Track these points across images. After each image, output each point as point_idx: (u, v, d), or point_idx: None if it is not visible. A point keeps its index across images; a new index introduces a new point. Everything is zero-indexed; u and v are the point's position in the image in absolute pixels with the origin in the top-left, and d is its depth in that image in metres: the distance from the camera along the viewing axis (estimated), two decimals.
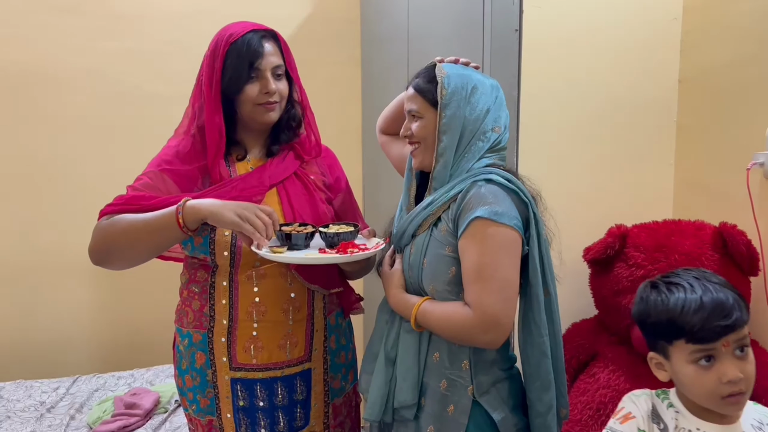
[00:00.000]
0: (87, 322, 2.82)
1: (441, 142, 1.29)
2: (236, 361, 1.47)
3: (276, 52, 1.46)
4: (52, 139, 2.70)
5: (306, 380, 1.53)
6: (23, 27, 2.62)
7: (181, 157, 1.48)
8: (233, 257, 1.44)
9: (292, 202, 1.50)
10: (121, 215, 1.41)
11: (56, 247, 2.74)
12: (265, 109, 1.46)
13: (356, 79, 3.02)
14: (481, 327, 1.19)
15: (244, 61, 1.41)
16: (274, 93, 1.44)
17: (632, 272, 1.68)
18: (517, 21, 1.76)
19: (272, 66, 1.44)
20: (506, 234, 1.21)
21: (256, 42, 1.42)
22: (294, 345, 1.49)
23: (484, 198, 1.22)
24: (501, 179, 1.26)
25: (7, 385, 2.48)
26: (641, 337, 1.63)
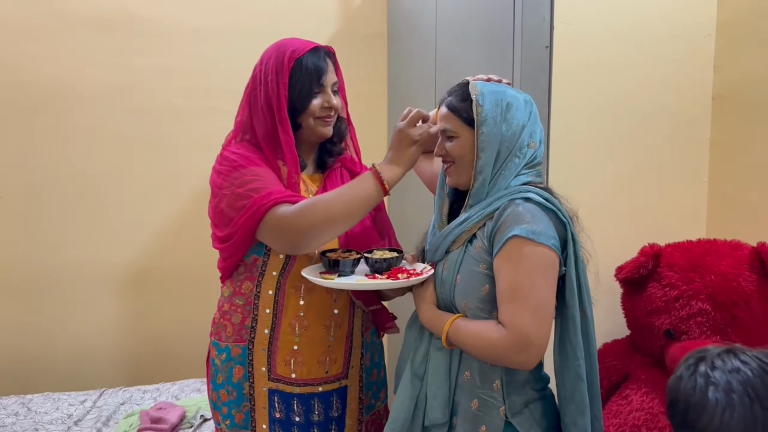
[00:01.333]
0: (113, 335, 2.84)
1: (480, 160, 1.28)
2: (275, 372, 1.48)
3: (333, 68, 1.52)
4: (82, 154, 2.74)
5: (342, 397, 1.53)
6: (55, 44, 2.67)
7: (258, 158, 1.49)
8: (288, 259, 1.46)
9: None
10: (317, 198, 1.43)
11: (84, 260, 2.77)
12: (324, 122, 1.51)
13: (383, 96, 3.03)
14: (514, 347, 1.18)
15: (311, 76, 1.46)
16: (336, 107, 1.51)
17: (666, 292, 1.64)
18: (547, 37, 1.75)
19: (332, 82, 1.51)
20: (544, 254, 1.20)
21: (321, 58, 1.48)
22: (333, 361, 1.50)
23: (521, 217, 1.21)
24: (539, 198, 1.24)
25: (36, 398, 2.50)
26: (675, 358, 1.61)
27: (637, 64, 1.84)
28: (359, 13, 2.96)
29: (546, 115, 1.75)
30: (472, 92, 1.30)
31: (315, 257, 1.48)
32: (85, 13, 2.68)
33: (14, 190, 2.70)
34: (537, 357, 1.19)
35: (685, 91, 1.89)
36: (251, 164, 1.45)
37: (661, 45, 1.86)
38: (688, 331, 1.60)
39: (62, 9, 2.66)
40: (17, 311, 2.74)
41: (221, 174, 1.46)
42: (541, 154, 1.34)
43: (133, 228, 2.80)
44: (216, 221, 1.49)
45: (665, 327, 1.63)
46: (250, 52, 2.87)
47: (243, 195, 1.40)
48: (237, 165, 1.45)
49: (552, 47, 1.75)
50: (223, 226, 1.46)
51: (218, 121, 1.55)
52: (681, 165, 1.91)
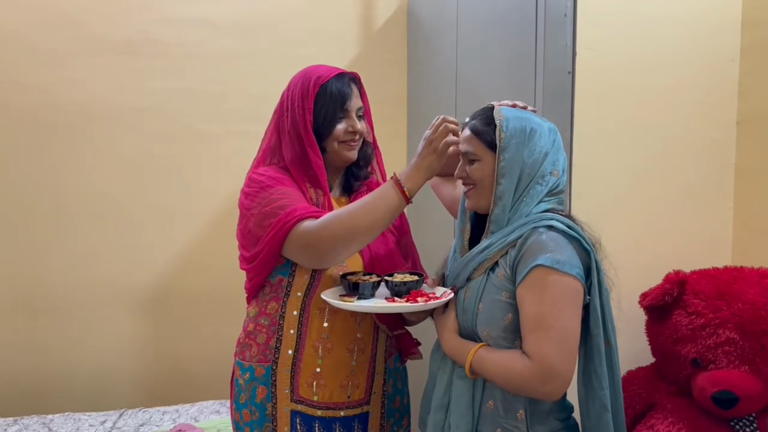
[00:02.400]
0: (132, 356, 2.86)
1: (499, 185, 1.29)
2: (298, 394, 1.48)
3: (358, 94, 1.56)
4: (105, 175, 2.78)
5: (363, 423, 1.53)
6: (80, 68, 2.73)
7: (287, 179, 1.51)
8: (312, 279, 1.47)
9: (371, 247, 1.53)
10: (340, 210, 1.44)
11: (105, 280, 2.80)
12: (348, 146, 1.54)
13: (402, 118, 3.04)
14: (540, 378, 1.17)
15: (336, 101, 1.50)
16: (359, 132, 1.54)
17: (692, 320, 1.62)
18: (570, 63, 1.75)
19: (357, 107, 1.54)
20: (568, 283, 1.20)
21: (346, 84, 1.52)
22: (355, 387, 1.50)
23: (545, 245, 1.21)
24: (562, 226, 1.24)
25: (56, 418, 2.51)
26: (702, 388, 1.58)
27: (660, 89, 1.84)
28: (380, 38, 2.99)
29: (569, 141, 1.74)
30: (496, 117, 1.31)
31: (339, 280, 1.48)
32: (110, 37, 2.74)
33: (37, 209, 2.74)
34: (563, 388, 1.19)
35: (710, 117, 1.88)
36: (278, 184, 1.48)
37: (685, 70, 1.85)
38: (715, 361, 1.57)
39: (87, 33, 2.71)
40: (37, 331, 2.77)
41: (249, 195, 1.50)
42: (563, 183, 1.34)
43: (152, 249, 2.83)
44: (244, 242, 1.52)
45: (692, 356, 1.61)
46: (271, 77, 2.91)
47: (270, 213, 1.43)
48: (264, 185, 1.48)
49: (574, 73, 1.75)
50: (251, 246, 1.48)
51: (239, 144, 1.59)
52: (706, 191, 1.89)
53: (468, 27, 2.33)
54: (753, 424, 1.56)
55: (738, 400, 1.52)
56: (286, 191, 1.46)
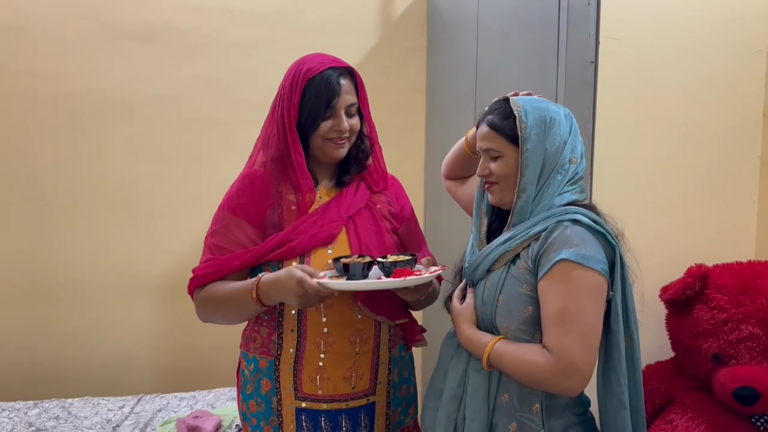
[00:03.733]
0: (150, 342, 2.88)
1: (523, 177, 1.26)
2: (302, 391, 1.48)
3: (351, 89, 1.48)
4: (123, 164, 2.79)
5: (370, 414, 1.52)
6: (99, 57, 2.73)
7: (250, 190, 1.51)
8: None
9: (359, 233, 1.50)
10: (211, 288, 1.50)
11: (124, 267, 2.82)
12: (335, 145, 1.48)
13: (421, 108, 3.02)
14: (561, 374, 1.15)
15: (321, 98, 1.43)
16: (346, 130, 1.47)
17: (714, 315, 1.60)
18: (593, 53, 1.72)
19: (347, 104, 1.46)
20: (592, 278, 1.18)
21: (335, 80, 1.44)
22: (359, 377, 1.49)
23: (569, 240, 1.19)
24: (588, 221, 1.22)
25: (76, 402, 2.54)
26: (723, 383, 1.56)
27: (685, 80, 1.81)
28: (399, 26, 2.97)
29: (590, 132, 1.72)
30: (514, 108, 1.28)
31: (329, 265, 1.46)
32: (129, 25, 2.74)
33: (57, 197, 2.76)
34: (583, 384, 1.17)
35: (735, 109, 1.84)
36: (230, 209, 1.51)
37: (711, 61, 1.82)
38: (737, 356, 1.56)
39: (106, 22, 2.72)
40: (57, 317, 2.80)
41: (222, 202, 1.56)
42: (582, 170, 1.32)
43: (171, 237, 2.84)
44: None
45: (713, 351, 1.59)
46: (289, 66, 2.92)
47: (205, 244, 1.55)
48: (222, 203, 1.55)
49: (597, 63, 1.72)
50: None
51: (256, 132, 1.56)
52: (730, 184, 1.86)
53: (489, 15, 2.30)
54: None
55: (760, 396, 1.51)
56: (218, 230, 1.51)
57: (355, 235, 1.50)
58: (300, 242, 1.45)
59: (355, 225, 1.51)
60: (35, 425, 2.35)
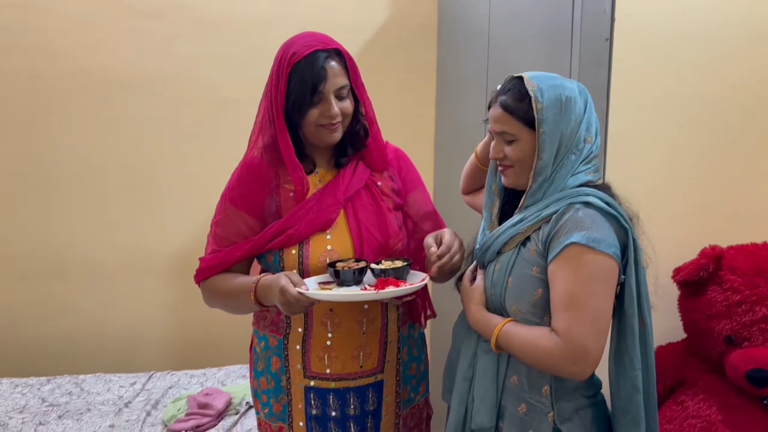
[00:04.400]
0: (162, 320, 2.90)
1: (540, 160, 1.23)
2: (310, 370, 1.48)
3: (340, 71, 1.41)
4: (134, 142, 2.79)
5: (378, 391, 1.52)
6: (108, 33, 2.71)
7: (249, 179, 1.49)
8: (301, 274, 1.44)
9: (358, 216, 1.47)
10: (216, 281, 1.50)
11: (135, 246, 2.83)
12: (327, 130, 1.43)
13: (431, 86, 2.99)
14: (569, 358, 1.15)
15: (307, 84, 1.37)
16: (336, 116, 1.41)
17: (727, 297, 1.59)
18: (608, 29, 1.69)
19: (336, 88, 1.40)
20: (603, 262, 1.16)
21: (320, 63, 1.38)
22: (367, 356, 1.49)
23: (580, 222, 1.17)
24: (600, 203, 1.20)
25: (88, 378, 2.57)
26: (736, 365, 1.55)
27: (703, 58, 1.77)
28: (409, 2, 2.92)
29: (604, 111, 1.69)
30: (528, 88, 1.23)
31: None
32: (138, 2, 2.71)
33: (67, 176, 2.77)
34: (592, 368, 1.17)
35: (754, 88, 1.80)
36: (228, 198, 1.50)
37: (727, 39, 1.77)
38: (750, 338, 1.55)
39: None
40: (69, 294, 2.82)
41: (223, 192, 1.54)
42: (597, 148, 1.29)
43: (182, 216, 2.84)
44: None
45: (726, 333, 1.58)
46: None
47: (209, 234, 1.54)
48: (223, 194, 1.52)
49: (612, 40, 1.69)
50: None
51: None
52: (747, 164, 1.83)
53: None
54: None
55: None
56: (225, 217, 1.50)
57: (354, 217, 1.47)
58: (297, 229, 1.43)
59: (354, 207, 1.48)
60: (48, 401, 2.38)
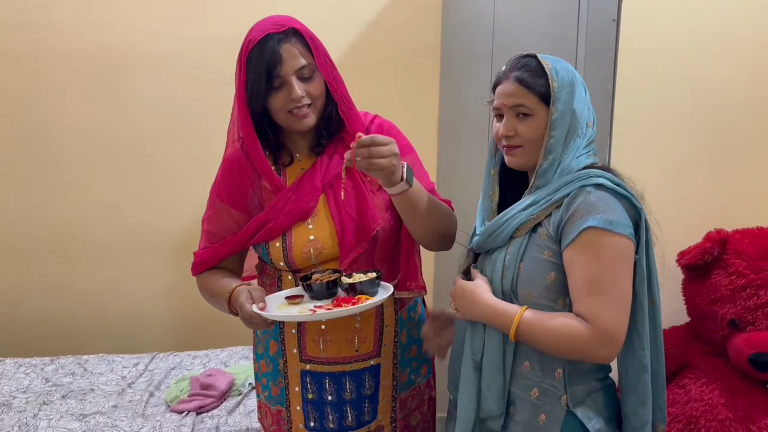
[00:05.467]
0: (165, 301, 2.90)
1: (551, 139, 1.22)
2: (306, 354, 1.48)
3: (298, 52, 1.34)
4: (136, 122, 2.76)
5: (375, 375, 1.51)
6: (110, 12, 2.68)
7: (231, 174, 1.48)
8: (288, 267, 1.45)
9: (339, 202, 1.43)
10: (205, 279, 1.52)
11: (138, 227, 2.82)
12: (296, 116, 1.37)
13: (435, 68, 2.95)
14: (598, 343, 1.14)
15: (261, 70, 1.32)
16: (300, 98, 1.34)
17: (732, 281, 1.58)
18: (615, 10, 1.67)
19: (295, 69, 1.34)
20: (622, 244, 1.15)
21: (273, 47, 1.32)
22: (362, 340, 1.47)
23: (594, 206, 1.16)
24: (612, 184, 1.19)
25: (91, 358, 2.58)
26: (739, 349, 1.55)
27: (708, 39, 1.76)
28: None
29: (610, 93, 1.68)
30: (545, 66, 1.23)
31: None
32: None
33: (68, 156, 2.75)
34: (617, 350, 1.16)
35: (759, 69, 1.79)
36: (214, 193, 1.50)
37: (735, 19, 1.76)
38: (754, 322, 1.55)
39: None
40: (72, 275, 2.82)
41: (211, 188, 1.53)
42: (594, 134, 1.29)
43: (184, 195, 2.83)
44: None
45: (730, 316, 1.58)
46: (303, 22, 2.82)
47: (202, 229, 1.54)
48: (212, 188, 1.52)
49: (619, 21, 1.67)
50: None
51: None
52: (754, 148, 1.82)
53: None
54: None
55: None
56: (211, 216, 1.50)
57: (335, 204, 1.43)
58: (276, 221, 1.41)
59: (335, 193, 1.44)
60: (52, 381, 2.39)
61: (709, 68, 1.76)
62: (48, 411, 2.16)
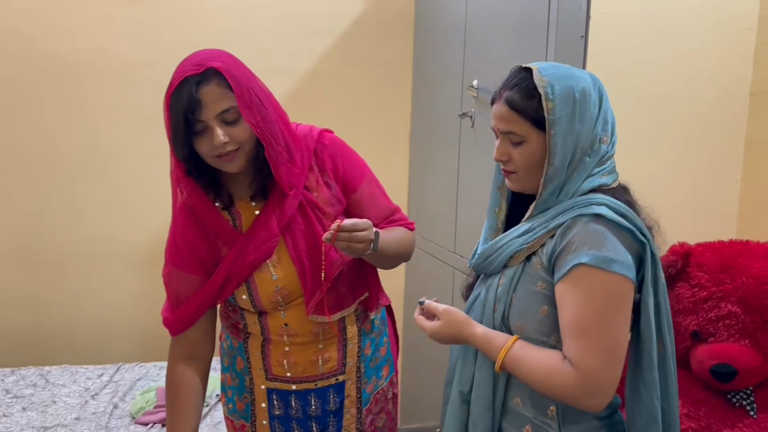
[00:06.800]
0: (131, 311, 2.85)
1: (552, 166, 1.10)
2: (272, 373, 1.48)
3: (219, 94, 1.24)
4: (103, 129, 2.73)
5: (339, 392, 1.52)
6: (83, 18, 2.65)
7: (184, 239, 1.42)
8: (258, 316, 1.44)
9: (298, 245, 1.39)
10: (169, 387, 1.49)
11: (102, 236, 2.78)
12: (224, 161, 1.28)
13: (407, 80, 2.98)
14: (584, 391, 1.05)
15: (179, 116, 1.23)
16: (221, 144, 1.24)
17: (694, 293, 1.61)
18: (583, 27, 1.70)
19: (216, 113, 1.24)
20: (616, 284, 1.05)
21: (190, 91, 1.22)
22: (326, 361, 1.48)
23: (589, 239, 1.06)
24: (612, 214, 1.07)
25: (54, 370, 2.52)
26: (701, 360, 1.58)
27: (674, 56, 1.80)
28: None
29: None
30: (538, 83, 1.10)
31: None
32: None
33: (34, 162, 2.70)
34: (608, 400, 1.07)
35: (723, 87, 1.84)
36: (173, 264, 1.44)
37: (701, 38, 1.81)
38: (716, 333, 1.57)
39: None
40: (36, 284, 2.76)
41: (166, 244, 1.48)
42: (614, 146, 1.17)
43: (152, 204, 2.79)
44: None
45: (692, 328, 1.61)
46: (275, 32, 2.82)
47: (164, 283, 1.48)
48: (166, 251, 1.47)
49: (587, 37, 1.70)
50: None
51: None
52: (714, 162, 1.87)
53: None
54: (750, 397, 1.57)
55: (736, 373, 1.53)
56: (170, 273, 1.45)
57: (294, 248, 1.39)
58: (240, 275, 1.38)
59: (292, 235, 1.39)
60: (12, 392, 2.33)
61: (673, 86, 1.81)
62: (8, 423, 2.11)
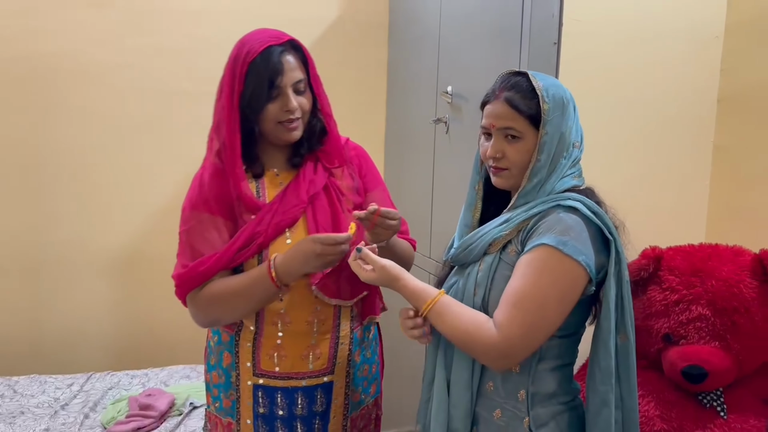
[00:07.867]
0: (102, 319, 2.81)
1: (538, 162, 1.21)
2: (259, 368, 1.47)
3: (297, 65, 1.41)
4: (75, 133, 2.69)
5: (327, 393, 1.51)
6: (53, 21, 2.62)
7: (211, 184, 1.44)
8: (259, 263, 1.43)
9: (317, 217, 1.46)
10: (213, 287, 1.42)
11: (74, 242, 2.73)
12: (286, 128, 1.42)
13: (382, 85, 2.99)
14: (498, 353, 1.15)
15: (263, 80, 1.36)
16: (295, 110, 1.40)
17: (666, 296, 1.63)
18: (556, 34, 1.72)
19: (293, 81, 1.39)
20: (569, 269, 1.14)
21: (276, 57, 1.37)
22: (317, 357, 1.48)
23: (557, 225, 1.15)
24: (586, 211, 1.17)
25: (21, 380, 2.47)
26: (673, 362, 1.60)
27: (644, 63, 1.83)
28: (361, 1, 2.91)
29: None
30: (536, 86, 1.21)
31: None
32: None
33: (4, 166, 2.65)
34: (512, 366, 1.19)
35: (691, 94, 1.87)
36: (191, 206, 1.44)
37: (670, 45, 1.84)
38: (686, 336, 1.60)
39: None
40: (4, 292, 2.70)
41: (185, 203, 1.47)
42: (581, 153, 1.28)
43: (124, 210, 2.76)
44: None
45: (663, 331, 1.63)
46: None
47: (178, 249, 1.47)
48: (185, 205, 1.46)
49: (560, 44, 1.72)
50: None
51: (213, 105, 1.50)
52: (683, 168, 1.90)
53: None
54: (720, 398, 1.59)
55: (707, 375, 1.55)
56: (189, 228, 1.44)
57: (314, 219, 1.46)
58: (266, 234, 1.41)
59: (314, 209, 1.47)
60: None
61: (643, 92, 1.83)
62: None
